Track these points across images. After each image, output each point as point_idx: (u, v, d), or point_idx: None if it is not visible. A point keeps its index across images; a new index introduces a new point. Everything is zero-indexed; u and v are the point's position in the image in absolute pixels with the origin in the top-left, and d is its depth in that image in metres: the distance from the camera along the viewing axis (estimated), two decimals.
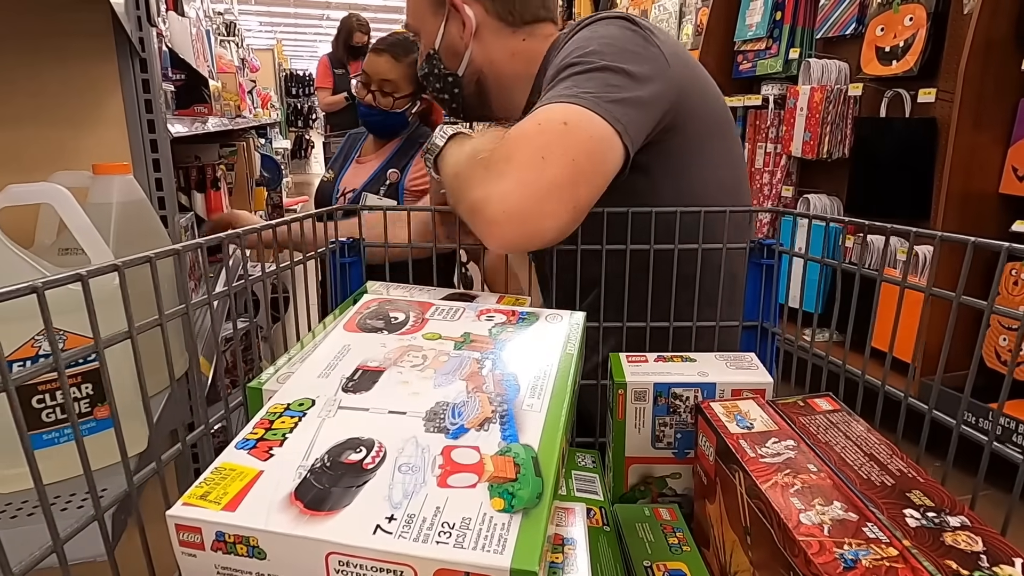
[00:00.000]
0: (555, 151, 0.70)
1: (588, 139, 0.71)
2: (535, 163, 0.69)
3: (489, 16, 0.99)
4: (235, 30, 4.34)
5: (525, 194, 0.68)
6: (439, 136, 0.83)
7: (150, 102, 1.12)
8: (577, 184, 0.70)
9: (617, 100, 0.74)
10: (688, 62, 0.87)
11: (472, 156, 0.75)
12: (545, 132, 0.71)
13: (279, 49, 10.00)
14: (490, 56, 0.99)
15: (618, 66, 0.77)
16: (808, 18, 2.84)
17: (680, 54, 0.85)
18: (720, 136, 0.89)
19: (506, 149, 0.71)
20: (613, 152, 0.73)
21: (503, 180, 0.69)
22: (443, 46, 1.01)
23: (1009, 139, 2.20)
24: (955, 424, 0.52)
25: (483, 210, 0.69)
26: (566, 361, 0.50)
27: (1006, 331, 2.16)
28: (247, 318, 1.81)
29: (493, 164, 0.71)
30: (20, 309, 0.41)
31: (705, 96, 0.87)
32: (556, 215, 0.69)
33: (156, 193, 1.15)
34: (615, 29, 0.83)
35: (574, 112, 0.73)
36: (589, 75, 0.77)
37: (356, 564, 0.33)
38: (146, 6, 1.09)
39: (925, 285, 0.56)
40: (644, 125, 0.77)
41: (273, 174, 3.53)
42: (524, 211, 0.68)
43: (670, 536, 0.56)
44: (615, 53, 0.79)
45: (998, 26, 2.11)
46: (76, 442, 0.40)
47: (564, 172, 0.69)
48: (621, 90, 0.75)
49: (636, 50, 0.80)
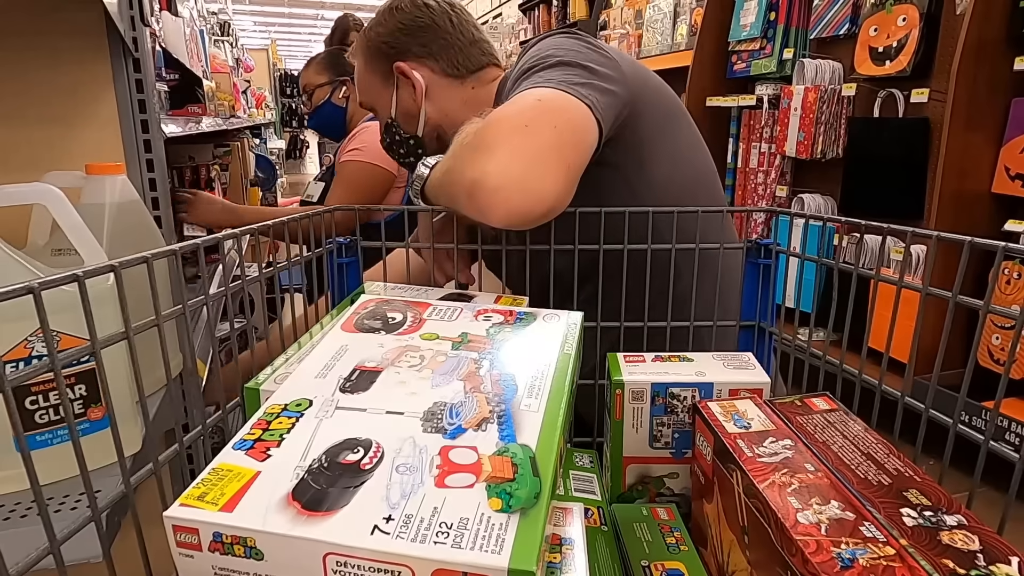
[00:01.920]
0: (537, 121, 0.72)
1: (564, 110, 0.74)
2: (520, 131, 0.70)
3: (436, 75, 1.06)
4: (229, 30, 4.31)
5: (520, 160, 0.69)
6: (422, 167, 0.84)
7: (143, 102, 1.12)
8: (563, 148, 0.71)
9: (582, 83, 0.77)
10: (635, 64, 0.91)
11: (456, 149, 0.76)
12: (523, 108, 0.73)
13: (274, 49, 9.96)
14: (444, 110, 1.05)
15: (575, 62, 0.80)
16: (802, 19, 2.85)
17: (627, 59, 0.90)
18: (677, 124, 0.94)
19: (490, 128, 0.72)
20: (589, 124, 0.75)
21: (496, 153, 0.69)
22: (399, 113, 1.08)
23: (1001, 139, 2.21)
24: (952, 423, 0.52)
25: (483, 183, 0.69)
26: (564, 361, 0.50)
27: (999, 330, 2.17)
28: (243, 318, 1.81)
29: (481, 144, 0.71)
30: (13, 310, 0.40)
31: (659, 91, 0.93)
32: (554, 177, 0.70)
33: (150, 193, 1.15)
34: (563, 39, 0.87)
35: (545, 92, 0.75)
36: (550, 69, 0.80)
37: (354, 564, 0.33)
38: (139, 6, 1.09)
39: (918, 284, 0.56)
40: (610, 108, 0.79)
41: (268, 174, 3.51)
42: (523, 175, 0.69)
43: (668, 536, 0.56)
44: (571, 53, 0.82)
45: (990, 26, 2.12)
46: (73, 443, 0.40)
47: (550, 137, 0.71)
48: (583, 78, 0.78)
49: (588, 52, 0.83)
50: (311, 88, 2.14)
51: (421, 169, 0.84)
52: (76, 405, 0.67)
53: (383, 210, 0.84)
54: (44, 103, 1.09)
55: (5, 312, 0.41)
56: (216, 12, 3.76)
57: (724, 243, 0.78)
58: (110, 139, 1.11)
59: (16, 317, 0.61)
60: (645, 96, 0.88)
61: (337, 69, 2.13)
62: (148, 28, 1.14)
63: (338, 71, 2.12)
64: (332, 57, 2.17)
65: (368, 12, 12.40)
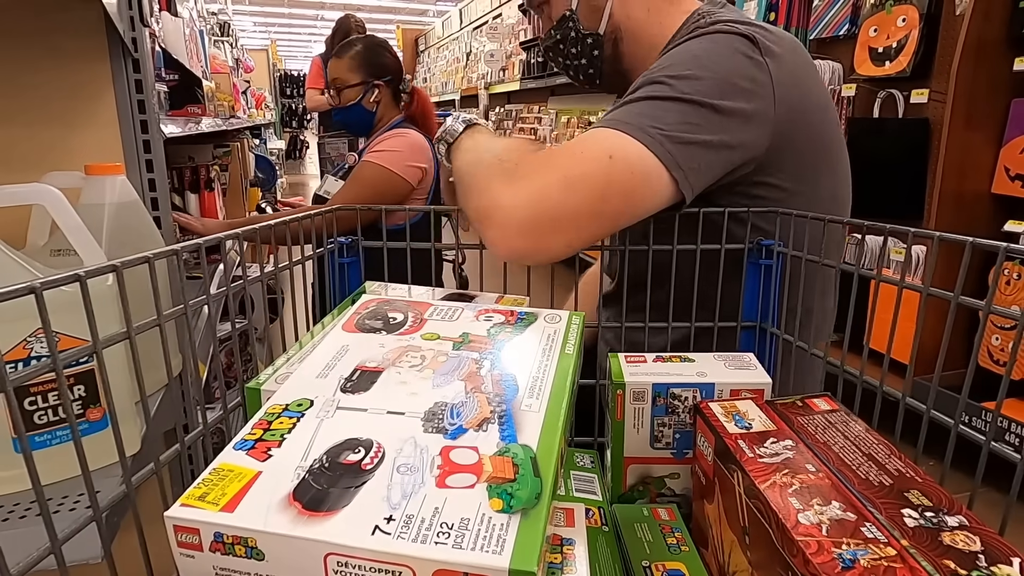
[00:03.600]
0: (586, 182, 0.67)
1: (630, 177, 0.69)
2: (558, 186, 0.67)
3: None
4: (229, 30, 4.32)
5: (540, 212, 0.67)
6: (456, 121, 0.80)
7: (143, 102, 1.12)
8: (601, 217, 0.68)
9: (689, 142, 0.70)
10: (802, 83, 0.80)
11: (495, 158, 0.73)
12: (584, 161, 0.69)
13: (273, 49, 9.98)
14: (629, 10, 0.92)
15: (708, 101, 0.71)
16: (802, 19, 2.85)
17: (796, 76, 0.79)
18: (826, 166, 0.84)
19: (536, 163, 0.69)
20: (657, 195, 0.70)
21: (521, 191, 0.67)
22: (581, 3, 0.94)
23: (1001, 139, 2.21)
24: (953, 424, 0.52)
25: (493, 215, 0.68)
26: (564, 361, 0.50)
27: (999, 331, 2.17)
28: (243, 319, 1.81)
29: (516, 173, 0.69)
30: (12, 311, 0.40)
31: (810, 126, 0.80)
32: (566, 242, 0.68)
33: (149, 194, 1.15)
34: (727, 50, 0.76)
35: (626, 144, 0.69)
36: (669, 104, 0.72)
37: (355, 565, 0.33)
38: (139, 6, 1.09)
39: (919, 285, 0.56)
40: (718, 167, 0.73)
41: (268, 175, 3.52)
42: (536, 228, 0.67)
43: (669, 536, 0.56)
44: (713, 84, 0.73)
45: (990, 27, 2.13)
46: (75, 444, 0.40)
47: (588, 204, 0.67)
48: (700, 130, 0.71)
49: (739, 83, 0.74)
50: (341, 85, 2.02)
51: (454, 124, 0.81)
52: (75, 406, 0.67)
53: (384, 210, 0.83)
54: (43, 103, 1.09)
55: (5, 312, 0.41)
56: (216, 12, 3.76)
57: (723, 245, 0.77)
58: (109, 139, 1.11)
59: (14, 318, 0.61)
60: (793, 123, 0.77)
61: (371, 70, 2.02)
62: (147, 28, 1.14)
63: (372, 71, 2.02)
64: (369, 55, 2.04)
65: (369, 12, 12.40)
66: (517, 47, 6.46)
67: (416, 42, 11.54)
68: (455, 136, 0.80)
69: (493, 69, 7.17)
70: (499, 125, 7.13)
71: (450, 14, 9.62)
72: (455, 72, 9.00)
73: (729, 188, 0.78)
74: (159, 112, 1.20)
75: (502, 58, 7.00)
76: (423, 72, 10.93)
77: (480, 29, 7.88)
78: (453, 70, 9.16)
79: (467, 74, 8.35)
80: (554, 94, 6.04)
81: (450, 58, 9.47)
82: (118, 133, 1.11)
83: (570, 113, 5.40)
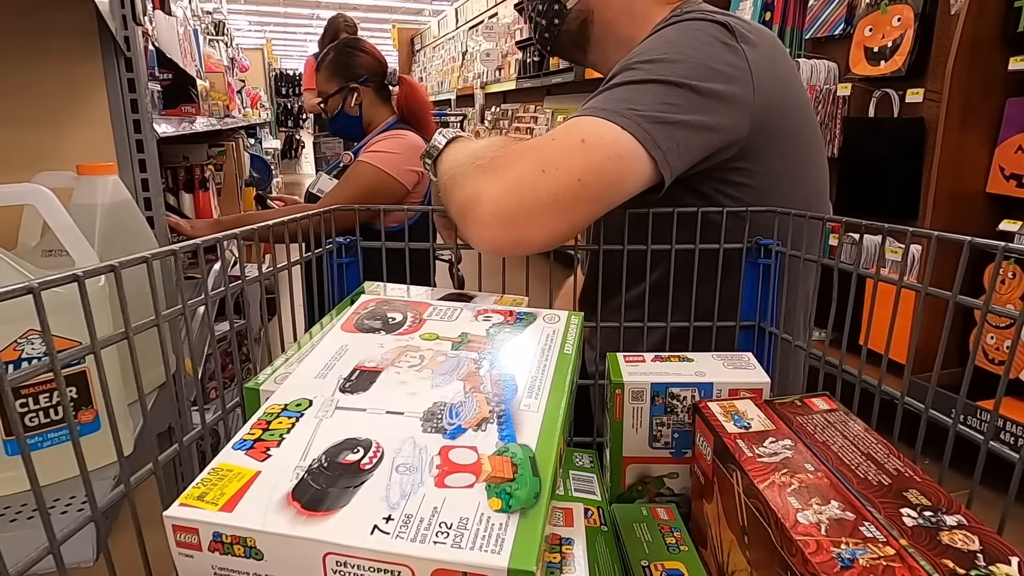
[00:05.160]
0: (561, 166, 0.67)
1: (606, 159, 0.68)
2: (533, 173, 0.67)
3: None
4: (224, 29, 4.31)
5: (517, 200, 0.67)
6: (439, 136, 0.82)
7: (136, 102, 1.11)
8: (578, 202, 0.68)
9: (667, 121, 0.70)
10: (780, 74, 0.80)
11: (472, 157, 0.74)
12: (557, 147, 0.69)
13: (269, 48, 9.94)
14: (608, 2, 0.93)
15: (686, 82, 0.71)
16: (797, 19, 2.86)
17: (774, 68, 0.79)
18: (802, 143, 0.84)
19: (511, 155, 0.70)
20: (636, 175, 0.70)
21: (497, 183, 0.68)
22: None
23: (996, 138, 2.22)
24: (951, 423, 0.52)
25: (472, 208, 0.68)
26: (563, 361, 0.50)
27: (994, 329, 2.18)
28: (240, 319, 1.80)
29: (492, 167, 0.69)
30: (3, 312, 0.40)
31: (788, 119, 0.81)
32: (548, 229, 0.68)
33: (142, 194, 1.14)
34: (703, 35, 0.76)
35: (601, 128, 0.69)
36: (646, 87, 0.72)
37: (354, 564, 0.33)
38: (131, 5, 1.08)
39: (916, 284, 0.56)
40: (697, 149, 0.73)
41: (263, 174, 3.50)
42: (514, 217, 0.67)
43: (668, 536, 0.56)
44: (691, 66, 0.73)
45: (985, 26, 2.13)
46: (74, 445, 0.39)
47: (565, 189, 0.67)
48: (679, 110, 0.71)
49: (717, 67, 0.74)
50: (325, 96, 2.05)
51: (437, 141, 0.81)
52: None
53: (383, 211, 0.83)
54: (35, 103, 1.08)
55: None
56: (211, 11, 3.75)
57: (724, 244, 0.78)
58: (102, 139, 1.10)
59: (5, 320, 0.60)
60: (771, 116, 0.77)
61: (345, 74, 2.02)
62: (140, 27, 1.13)
63: (346, 76, 2.02)
64: (339, 59, 2.04)
65: (363, 12, 12.40)
66: (513, 46, 6.46)
67: (412, 41, 11.54)
68: (438, 150, 0.81)
69: (489, 68, 7.17)
70: (495, 124, 7.14)
71: (446, 13, 9.62)
72: (451, 71, 9.00)
73: (707, 174, 0.78)
74: (152, 111, 1.19)
75: (498, 57, 7.00)
76: (419, 71, 10.93)
77: (476, 28, 7.88)
78: (449, 69, 9.17)
79: (463, 73, 8.35)
80: (550, 93, 6.05)
81: (446, 57, 9.47)
82: (110, 132, 1.10)
83: (566, 112, 5.41)
